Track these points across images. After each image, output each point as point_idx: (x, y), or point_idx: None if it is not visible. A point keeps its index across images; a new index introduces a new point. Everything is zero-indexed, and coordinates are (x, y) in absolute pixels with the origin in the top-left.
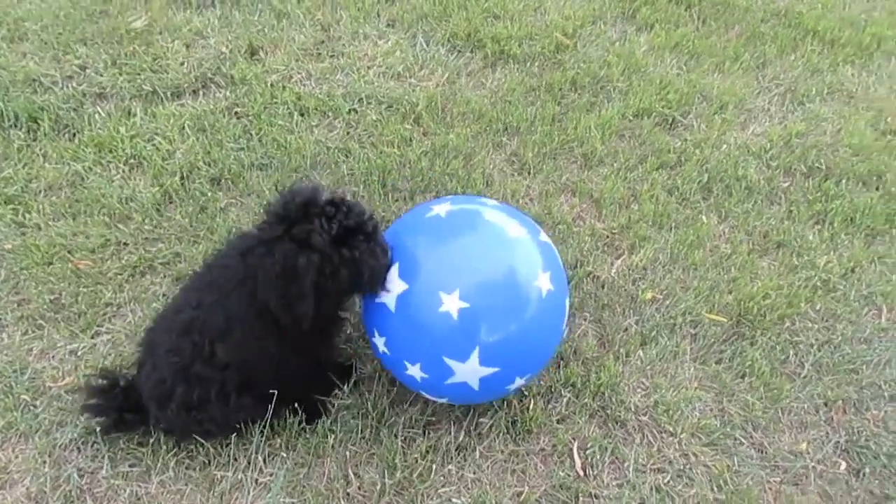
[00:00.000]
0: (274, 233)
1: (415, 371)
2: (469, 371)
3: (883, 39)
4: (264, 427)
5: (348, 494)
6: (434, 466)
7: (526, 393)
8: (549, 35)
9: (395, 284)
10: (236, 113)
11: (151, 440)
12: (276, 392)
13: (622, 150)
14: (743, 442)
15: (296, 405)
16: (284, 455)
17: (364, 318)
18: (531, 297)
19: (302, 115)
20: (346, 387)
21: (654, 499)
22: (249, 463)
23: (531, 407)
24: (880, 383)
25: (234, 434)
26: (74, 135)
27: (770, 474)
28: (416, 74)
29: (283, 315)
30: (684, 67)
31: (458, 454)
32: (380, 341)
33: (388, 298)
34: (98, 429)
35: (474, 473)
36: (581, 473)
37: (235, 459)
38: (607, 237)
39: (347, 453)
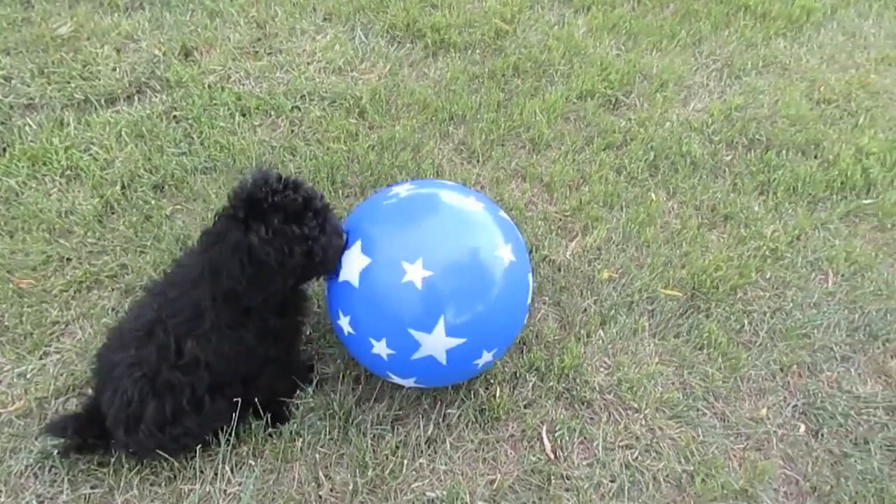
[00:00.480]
0: (227, 222)
1: (381, 348)
2: (436, 343)
3: (811, 11)
4: (230, 436)
5: (321, 497)
6: (405, 462)
7: (492, 380)
8: (489, 21)
9: (358, 260)
10: (175, 117)
11: (112, 459)
12: (239, 400)
13: (569, 133)
14: (706, 412)
15: (260, 409)
16: (252, 463)
17: (328, 299)
18: (494, 265)
19: (244, 115)
20: (309, 388)
21: (625, 475)
22: (217, 474)
23: (498, 394)
24: (831, 345)
25: (200, 445)
26: (5, 149)
27: (734, 442)
28: (358, 68)
29: (252, 296)
30: (623, 48)
31: (429, 447)
32: (344, 321)
33: (352, 275)
34: (55, 452)
35: (446, 465)
36: (552, 456)
37: (202, 472)
38: (560, 220)
39: (317, 455)
